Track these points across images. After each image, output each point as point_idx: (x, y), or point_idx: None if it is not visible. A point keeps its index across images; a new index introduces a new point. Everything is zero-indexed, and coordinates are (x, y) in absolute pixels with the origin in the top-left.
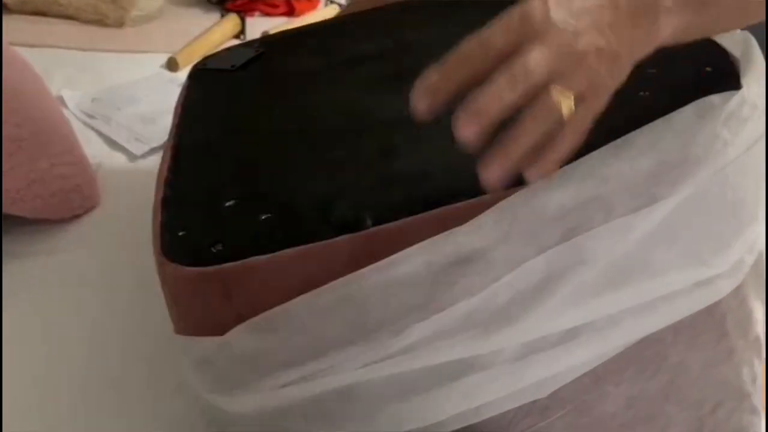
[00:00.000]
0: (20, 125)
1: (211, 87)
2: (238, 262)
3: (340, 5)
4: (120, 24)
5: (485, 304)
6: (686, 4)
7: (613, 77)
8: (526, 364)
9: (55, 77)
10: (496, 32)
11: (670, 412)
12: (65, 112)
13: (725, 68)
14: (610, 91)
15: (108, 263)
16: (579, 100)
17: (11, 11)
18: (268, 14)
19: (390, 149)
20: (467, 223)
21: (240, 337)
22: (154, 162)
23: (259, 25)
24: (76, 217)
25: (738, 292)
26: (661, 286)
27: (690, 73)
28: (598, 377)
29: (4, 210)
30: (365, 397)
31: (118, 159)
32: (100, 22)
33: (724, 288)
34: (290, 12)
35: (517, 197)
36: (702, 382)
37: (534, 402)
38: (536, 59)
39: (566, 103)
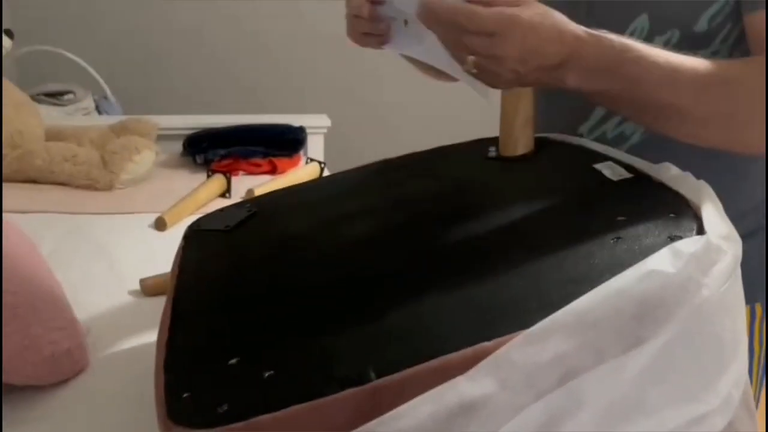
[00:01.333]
0: (16, 293)
1: (206, 247)
2: (244, 422)
3: (320, 163)
4: (110, 187)
5: None
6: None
7: (508, 82)
8: None
9: (46, 240)
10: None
11: None
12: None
13: (687, 213)
14: (502, 82)
15: (98, 427)
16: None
17: (4, 179)
18: (251, 173)
19: (386, 303)
20: (467, 373)
21: None
22: (141, 323)
23: (243, 183)
24: (64, 381)
25: (731, 429)
26: (658, 425)
27: (655, 219)
28: None
29: None
30: None
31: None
32: (91, 186)
33: (717, 424)
34: (273, 170)
35: (513, 345)
36: None
37: None
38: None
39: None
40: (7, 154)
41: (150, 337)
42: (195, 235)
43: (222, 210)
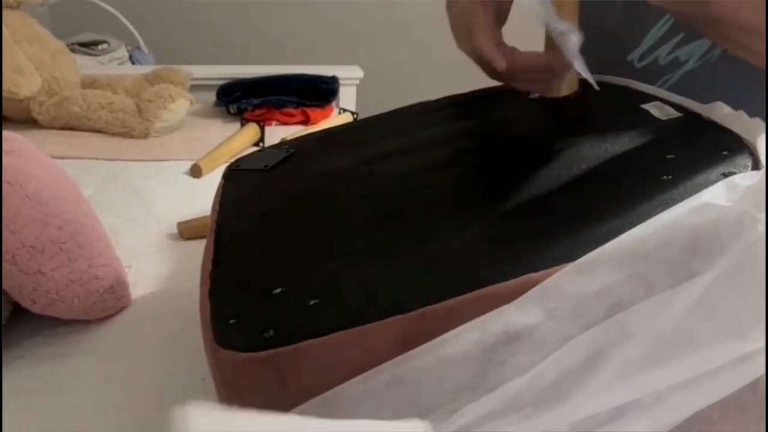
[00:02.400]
0: (61, 228)
1: (245, 186)
2: (291, 347)
3: (353, 113)
4: (145, 135)
5: (534, 383)
6: None
7: None
8: None
9: (85, 185)
10: None
11: None
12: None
13: (741, 151)
14: None
15: (142, 362)
16: None
17: (43, 127)
18: (285, 123)
19: (430, 234)
20: (515, 302)
21: None
22: (179, 264)
23: (276, 133)
24: (109, 317)
25: None
26: (706, 361)
27: (708, 157)
28: None
29: (42, 312)
30: None
31: (146, 262)
32: (127, 134)
33: (764, 363)
34: (305, 121)
35: (562, 275)
36: None
37: None
38: None
39: None
40: (45, 101)
41: (188, 276)
42: (234, 175)
43: (260, 151)
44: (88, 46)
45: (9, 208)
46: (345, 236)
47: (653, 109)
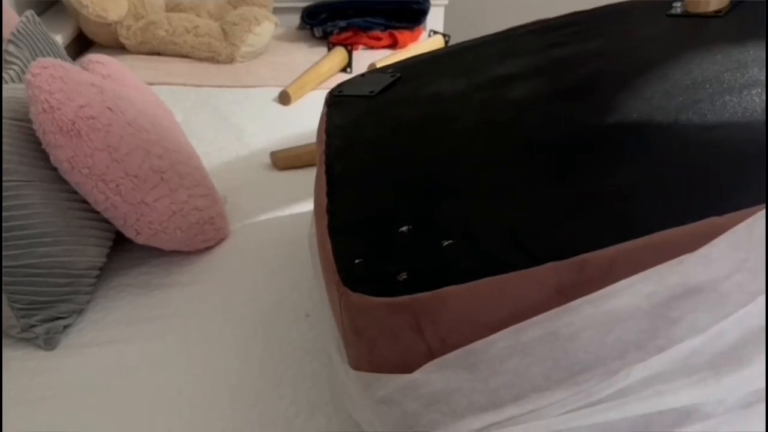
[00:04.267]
0: (162, 156)
1: (351, 113)
2: (431, 293)
3: (444, 35)
4: (231, 60)
5: (712, 344)
6: None
7: None
8: (753, 414)
9: (175, 111)
10: None
11: None
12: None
13: None
14: None
15: (243, 295)
16: None
17: (130, 52)
18: (372, 47)
19: (579, 169)
20: (698, 251)
21: (431, 375)
22: (274, 194)
23: (364, 58)
24: (208, 248)
25: None
26: None
27: None
28: None
29: (146, 242)
30: None
31: (241, 192)
32: (213, 59)
33: None
34: (394, 44)
35: (757, 220)
36: None
37: None
38: None
39: None
40: (131, 25)
41: (284, 208)
42: (338, 102)
43: (363, 75)
44: None
45: (112, 135)
46: (473, 169)
47: None
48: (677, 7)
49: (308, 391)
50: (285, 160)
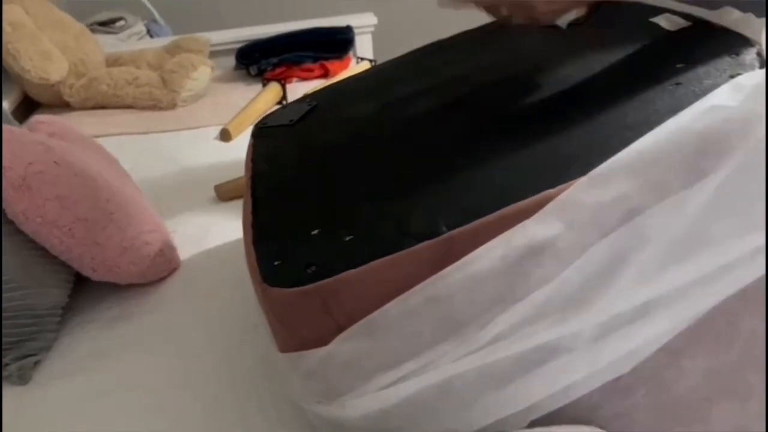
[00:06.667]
0: (109, 200)
1: (274, 141)
2: (334, 278)
3: (371, 61)
4: (172, 106)
5: (559, 291)
6: None
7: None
8: (605, 343)
9: (122, 160)
10: None
11: (751, 381)
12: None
13: (749, 52)
14: None
15: (198, 316)
16: None
17: (76, 108)
18: (305, 79)
19: (453, 167)
20: (534, 216)
21: (341, 346)
22: (220, 224)
23: (299, 90)
24: (162, 279)
25: None
26: (722, 256)
27: (716, 61)
28: (673, 352)
29: (102, 279)
30: (461, 390)
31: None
32: (155, 106)
33: None
34: (326, 74)
35: (578, 187)
36: None
37: (616, 382)
38: None
39: None
40: (74, 83)
41: (229, 234)
42: (262, 133)
43: (284, 107)
44: (106, 25)
45: (61, 186)
46: (374, 177)
47: (663, 21)
48: None
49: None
50: (228, 192)
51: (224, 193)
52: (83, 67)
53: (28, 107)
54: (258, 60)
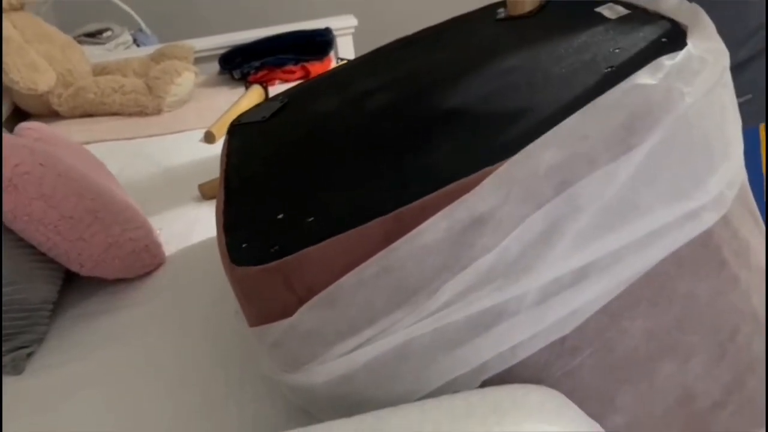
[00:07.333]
0: (94, 199)
1: (247, 137)
2: (294, 255)
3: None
4: (158, 111)
5: (501, 258)
6: None
7: None
8: (547, 305)
9: (110, 165)
10: None
11: (690, 341)
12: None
13: (679, 37)
14: None
15: (181, 307)
16: None
17: (64, 117)
18: (286, 80)
19: (403, 151)
20: (473, 190)
21: (303, 317)
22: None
23: (280, 91)
24: (148, 273)
25: (728, 225)
26: (653, 222)
27: (648, 46)
28: (613, 314)
29: (90, 274)
30: (417, 353)
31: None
32: (141, 113)
33: (709, 219)
34: (307, 75)
35: (512, 163)
36: (713, 309)
37: (562, 344)
38: None
39: None
40: (62, 93)
41: (213, 231)
42: (237, 130)
43: (258, 105)
44: (93, 36)
45: (46, 186)
46: (334, 165)
47: (605, 10)
48: (501, 13)
49: (241, 370)
50: (211, 190)
51: (207, 192)
52: (71, 77)
53: (19, 118)
54: (240, 64)
